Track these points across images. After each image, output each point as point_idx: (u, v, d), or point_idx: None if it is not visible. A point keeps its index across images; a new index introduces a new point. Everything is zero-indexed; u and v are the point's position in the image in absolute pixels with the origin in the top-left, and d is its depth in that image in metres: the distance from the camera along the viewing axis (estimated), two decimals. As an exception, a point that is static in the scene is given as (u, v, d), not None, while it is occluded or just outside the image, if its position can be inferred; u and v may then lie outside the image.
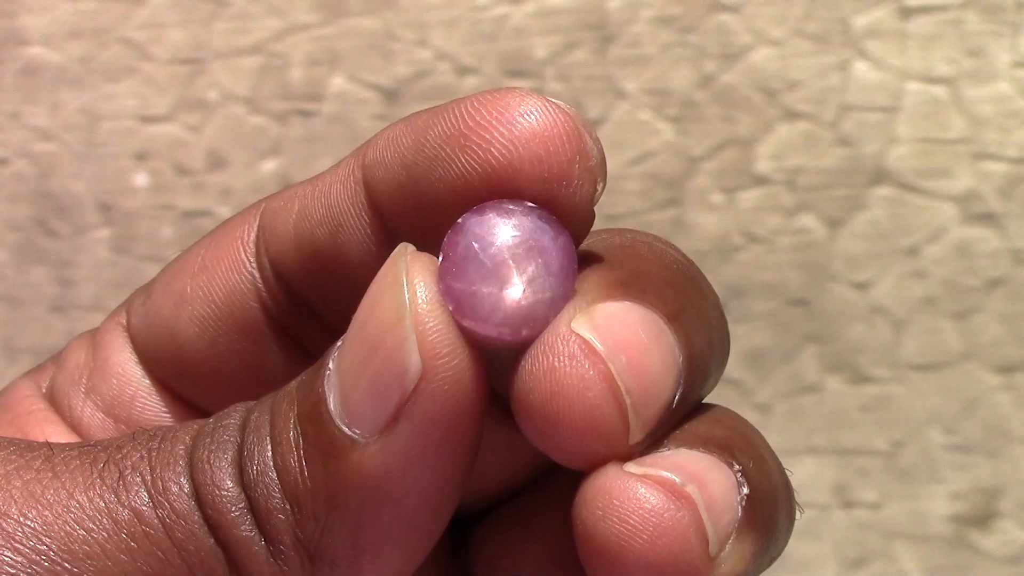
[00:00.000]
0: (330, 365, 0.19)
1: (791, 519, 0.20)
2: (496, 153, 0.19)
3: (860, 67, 0.44)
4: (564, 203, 0.19)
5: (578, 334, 0.18)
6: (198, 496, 0.19)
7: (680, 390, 0.19)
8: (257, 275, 0.23)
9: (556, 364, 0.18)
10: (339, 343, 0.19)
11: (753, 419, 0.44)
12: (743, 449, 0.19)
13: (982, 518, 0.44)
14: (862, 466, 0.44)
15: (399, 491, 0.18)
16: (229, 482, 0.19)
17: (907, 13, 0.44)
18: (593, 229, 0.21)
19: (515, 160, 0.19)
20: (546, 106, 0.19)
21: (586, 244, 0.21)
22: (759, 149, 0.44)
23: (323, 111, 0.47)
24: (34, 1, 0.48)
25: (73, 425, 0.24)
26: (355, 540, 0.19)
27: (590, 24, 0.45)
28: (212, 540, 0.19)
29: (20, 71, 0.49)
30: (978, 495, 0.44)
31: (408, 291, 0.18)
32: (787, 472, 0.20)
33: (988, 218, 0.44)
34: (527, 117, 0.19)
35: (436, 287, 0.18)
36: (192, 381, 0.24)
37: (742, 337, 0.45)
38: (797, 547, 0.45)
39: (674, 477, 0.18)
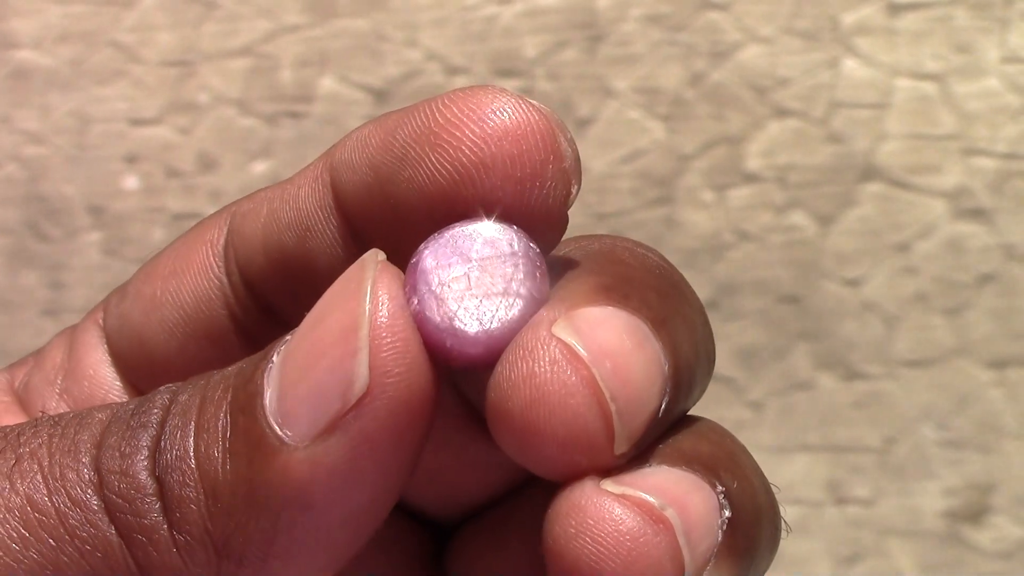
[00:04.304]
0: (274, 358, 0.18)
1: (775, 540, 0.19)
2: (467, 151, 0.18)
3: (850, 64, 0.44)
4: (537, 205, 0.19)
5: (559, 338, 0.17)
6: (101, 482, 0.18)
7: (666, 399, 0.18)
8: (225, 281, 0.23)
9: (536, 369, 0.17)
10: (288, 337, 0.18)
11: (745, 417, 0.45)
12: (728, 468, 0.19)
13: (975, 513, 0.44)
14: (855, 463, 0.45)
15: (320, 502, 0.17)
16: (137, 467, 0.18)
17: (896, 10, 0.44)
18: (574, 235, 0.20)
19: (487, 159, 0.18)
20: (519, 104, 0.18)
21: (564, 251, 0.20)
22: (749, 147, 0.45)
23: (313, 112, 0.47)
24: (23, 4, 0.48)
25: None
26: (268, 543, 0.18)
27: (579, 23, 0.45)
28: (112, 528, 0.18)
29: (10, 75, 0.48)
30: (971, 490, 0.44)
31: (371, 301, 0.17)
32: (774, 488, 0.20)
33: (978, 214, 0.44)
34: (499, 115, 0.18)
35: (400, 302, 0.18)
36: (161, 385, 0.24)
37: (734, 335, 0.45)
38: (790, 545, 0.45)
39: (653, 500, 0.17)
